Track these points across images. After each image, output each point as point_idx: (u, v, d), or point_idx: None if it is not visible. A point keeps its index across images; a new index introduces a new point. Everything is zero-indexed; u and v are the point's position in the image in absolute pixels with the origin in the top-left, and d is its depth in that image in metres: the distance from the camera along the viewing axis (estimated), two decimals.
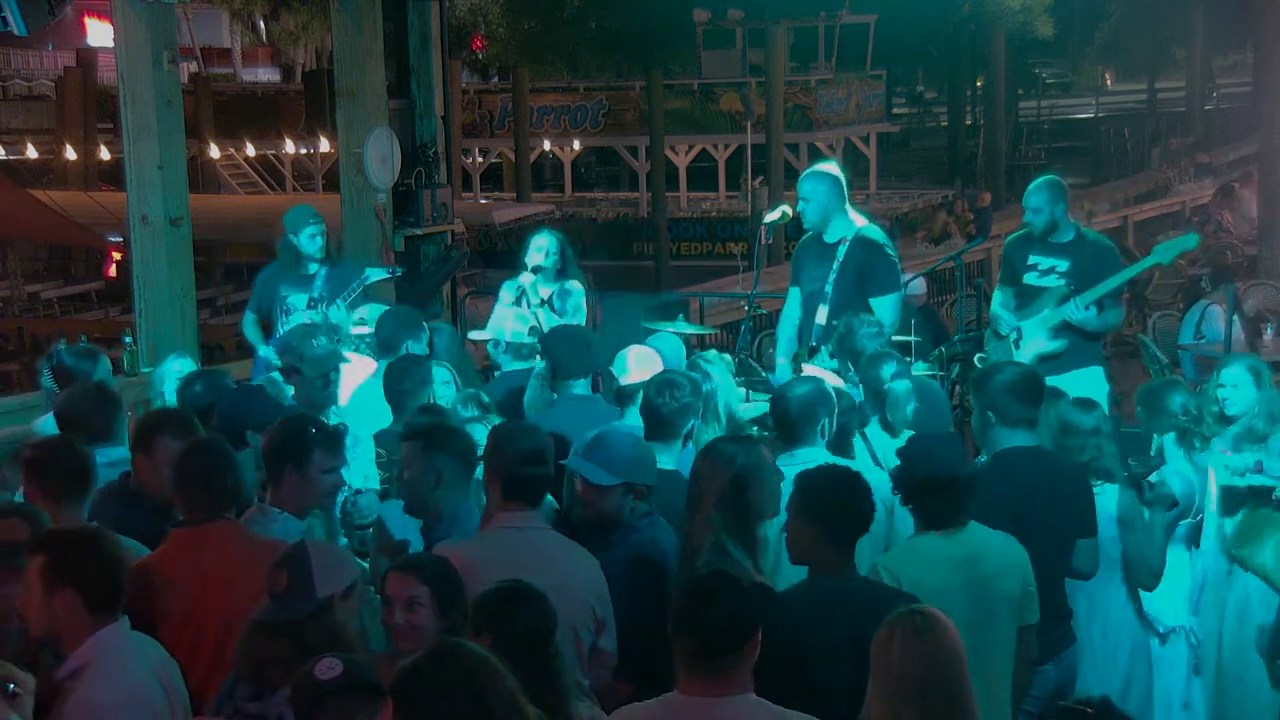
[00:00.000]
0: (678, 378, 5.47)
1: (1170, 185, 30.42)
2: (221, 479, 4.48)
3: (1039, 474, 5.18)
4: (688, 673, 3.57)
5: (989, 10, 35.06)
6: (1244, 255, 16.44)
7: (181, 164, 8.48)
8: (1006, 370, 5.39)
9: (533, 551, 4.36)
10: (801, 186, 7.67)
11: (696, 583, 3.67)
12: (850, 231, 7.53)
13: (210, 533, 4.40)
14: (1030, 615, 4.67)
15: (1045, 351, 7.49)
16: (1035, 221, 7.65)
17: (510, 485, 4.49)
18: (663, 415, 5.29)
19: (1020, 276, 7.74)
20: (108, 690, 3.65)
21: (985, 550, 4.59)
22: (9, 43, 38.70)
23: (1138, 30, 43.26)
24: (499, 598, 3.77)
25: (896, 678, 3.43)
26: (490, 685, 3.19)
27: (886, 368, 5.93)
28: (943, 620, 3.51)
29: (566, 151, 37.16)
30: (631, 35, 36.41)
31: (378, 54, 9.70)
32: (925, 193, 35.63)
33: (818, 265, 7.59)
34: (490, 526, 4.51)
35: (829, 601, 4.16)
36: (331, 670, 3.32)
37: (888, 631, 3.48)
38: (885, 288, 7.43)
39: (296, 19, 41.05)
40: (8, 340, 20.52)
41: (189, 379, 6.16)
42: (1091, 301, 7.41)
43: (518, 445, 4.52)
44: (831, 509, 4.25)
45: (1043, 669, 4.97)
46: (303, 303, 8.11)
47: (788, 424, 5.30)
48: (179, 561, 4.36)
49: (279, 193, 33.33)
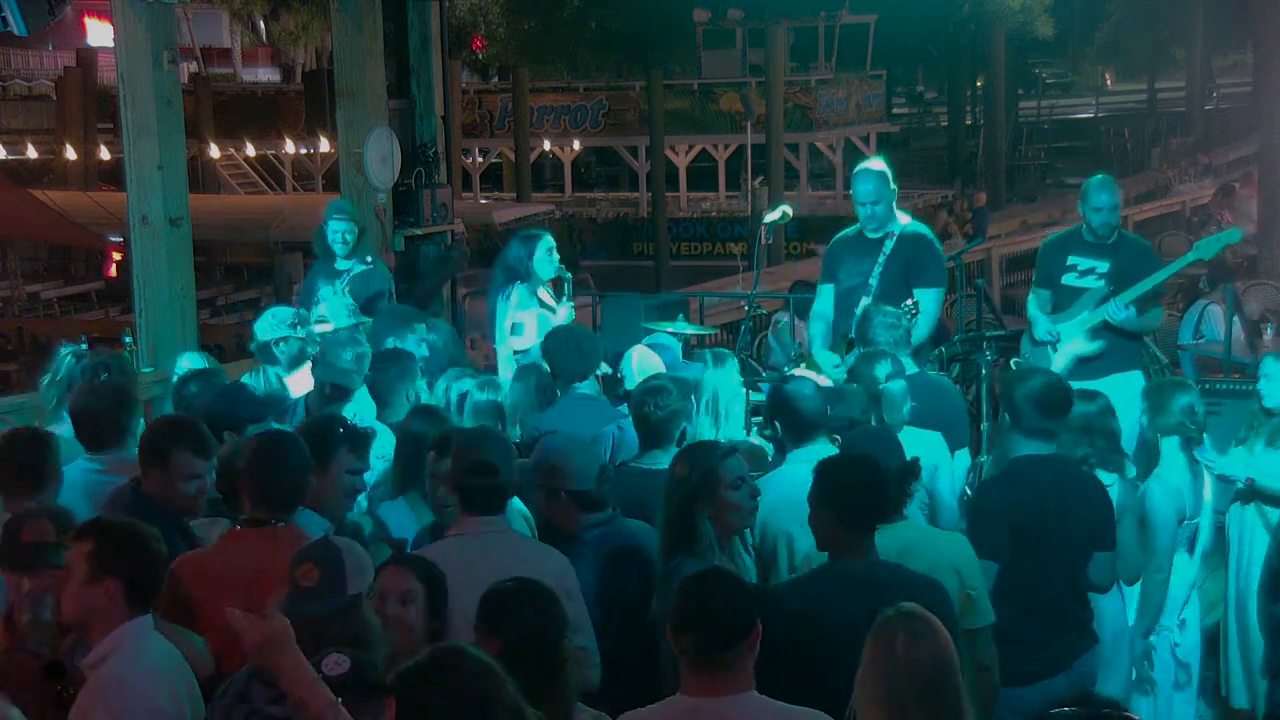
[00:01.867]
0: (664, 384, 5.47)
1: (1170, 185, 30.41)
2: (296, 478, 4.44)
3: (1050, 482, 5.13)
4: (691, 673, 3.57)
5: (989, 10, 35.04)
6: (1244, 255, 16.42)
7: (181, 164, 8.48)
8: (1033, 378, 5.34)
9: (489, 554, 4.35)
10: (867, 189, 7.53)
11: (695, 582, 3.67)
12: (896, 227, 7.53)
13: (273, 534, 4.36)
14: (973, 619, 4.61)
15: (1084, 353, 7.42)
16: (1111, 220, 7.50)
17: (463, 495, 4.52)
18: (652, 423, 5.33)
19: (1058, 278, 7.63)
20: (130, 669, 3.68)
21: (917, 547, 4.59)
22: (9, 43, 38.72)
23: (1138, 30, 43.27)
24: (507, 595, 3.75)
25: (901, 677, 3.39)
26: (494, 692, 3.18)
27: (880, 367, 5.92)
28: (934, 620, 3.50)
29: (566, 151, 37.16)
30: (631, 35, 36.42)
31: (378, 54, 9.70)
32: (925, 193, 35.59)
33: (859, 260, 7.55)
34: (450, 534, 4.55)
35: (844, 584, 4.17)
36: (340, 666, 3.32)
37: (887, 632, 3.46)
38: (931, 280, 7.45)
39: (296, 19, 41.05)
40: (8, 340, 20.50)
41: (184, 379, 6.16)
42: (1131, 301, 7.35)
43: (466, 456, 4.53)
44: (840, 494, 4.26)
45: (1051, 680, 4.92)
46: (329, 294, 8.27)
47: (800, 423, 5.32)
48: (238, 560, 4.33)
49: (279, 193, 33.34)
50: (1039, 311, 7.70)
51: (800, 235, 28.55)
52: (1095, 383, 6.66)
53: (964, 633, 4.59)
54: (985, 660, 4.67)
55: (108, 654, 3.71)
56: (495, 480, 4.49)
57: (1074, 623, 5.14)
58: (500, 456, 4.55)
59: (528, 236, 8.18)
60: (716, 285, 19.56)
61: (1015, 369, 7.46)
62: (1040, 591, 5.04)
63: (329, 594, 3.72)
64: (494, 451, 4.56)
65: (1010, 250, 19.89)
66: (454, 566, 4.18)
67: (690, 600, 3.59)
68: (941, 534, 4.69)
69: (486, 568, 4.12)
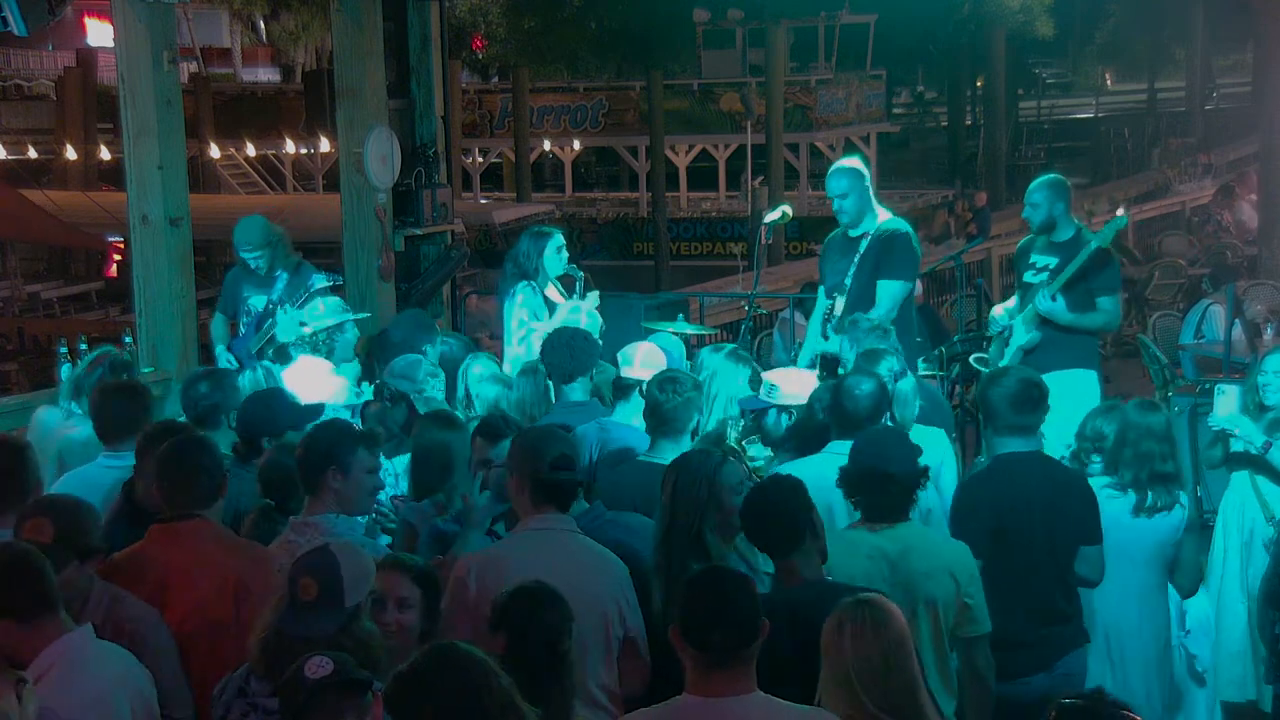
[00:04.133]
0: (679, 374, 5.50)
1: (1170, 185, 30.39)
2: (201, 478, 4.49)
3: (1036, 480, 5.17)
4: (698, 674, 3.57)
5: (989, 10, 35.02)
6: (1244, 255, 16.44)
7: (181, 164, 8.47)
8: (1004, 378, 5.40)
9: (562, 553, 4.38)
10: (836, 184, 7.60)
11: (705, 584, 3.67)
12: (874, 226, 7.58)
13: (183, 529, 4.43)
14: (970, 628, 4.61)
15: (1022, 343, 7.53)
16: (1032, 217, 7.70)
17: (539, 490, 4.50)
18: (665, 411, 5.32)
19: (1022, 275, 7.80)
20: (65, 695, 3.63)
21: (918, 550, 4.60)
22: (9, 43, 38.68)
23: (1138, 30, 43.30)
24: (520, 596, 3.78)
25: (849, 665, 3.53)
26: (487, 685, 3.20)
27: (885, 364, 5.93)
28: (888, 607, 3.61)
29: (566, 151, 37.14)
30: (631, 35, 36.41)
31: (378, 54, 9.67)
32: (925, 193, 35.62)
33: (841, 259, 7.64)
34: (522, 528, 4.54)
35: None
36: (322, 669, 3.31)
37: (836, 622, 3.58)
38: (892, 273, 7.47)
39: (296, 19, 41.01)
40: (8, 340, 20.48)
41: (194, 378, 6.15)
42: (1057, 290, 7.40)
43: (545, 450, 4.52)
44: (751, 522, 4.36)
45: (1028, 680, 4.92)
46: (262, 304, 8.25)
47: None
48: (150, 556, 4.40)
49: (279, 193, 33.32)
50: (999, 309, 7.89)
51: (800, 235, 28.56)
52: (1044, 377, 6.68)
53: (960, 640, 4.61)
54: (981, 668, 4.66)
55: (39, 677, 3.64)
56: (573, 475, 4.53)
57: (1059, 618, 5.14)
58: (575, 450, 4.62)
59: (537, 234, 8.19)
60: (716, 285, 19.54)
61: (976, 365, 7.60)
62: (1026, 588, 5.05)
63: (328, 609, 3.71)
64: (569, 445, 4.61)
65: (1010, 250, 19.78)
66: (533, 556, 4.28)
67: (702, 601, 3.58)
68: (945, 540, 4.69)
69: (563, 563, 4.25)
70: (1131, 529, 5.53)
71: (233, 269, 8.66)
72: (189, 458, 4.54)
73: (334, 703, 3.30)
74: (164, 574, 4.34)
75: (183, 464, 4.51)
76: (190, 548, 4.39)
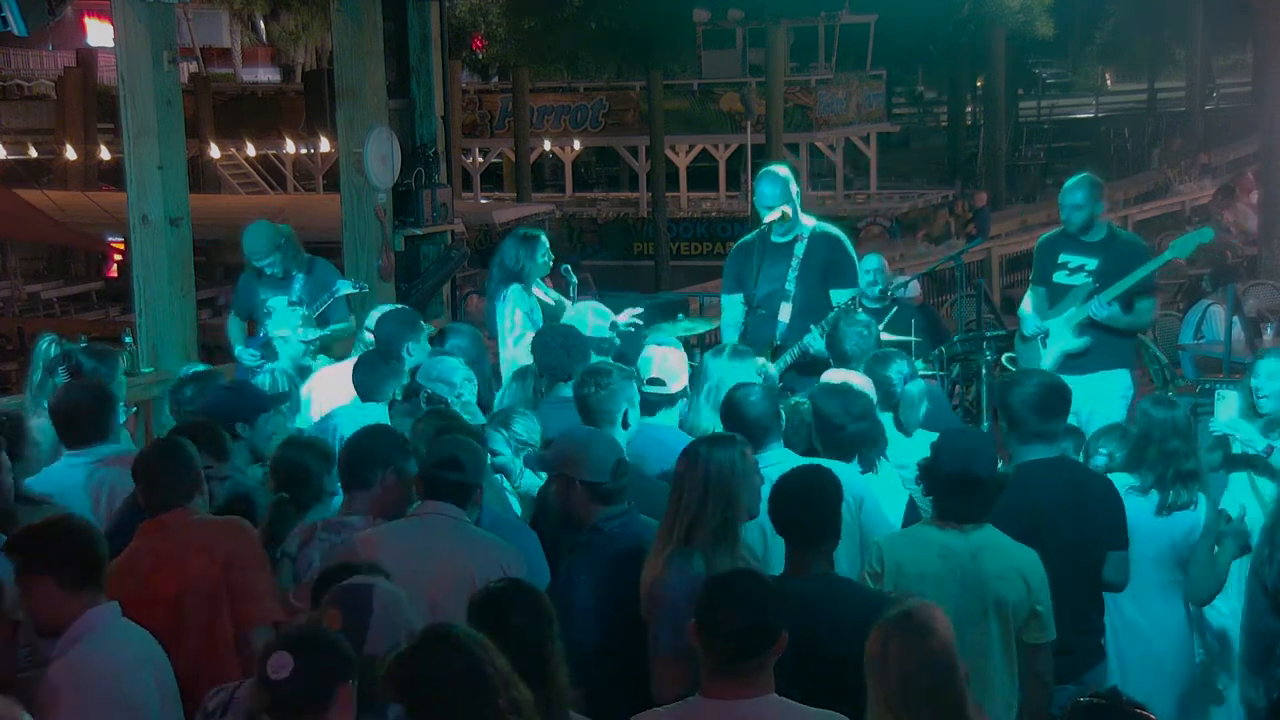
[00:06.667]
0: (605, 365, 5.61)
1: (1170, 185, 30.38)
2: (182, 473, 4.64)
3: (1061, 486, 5.08)
4: (714, 675, 3.56)
5: (989, 10, 35.01)
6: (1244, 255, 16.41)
7: (181, 164, 8.49)
8: (1026, 382, 5.26)
9: (437, 535, 4.56)
10: (768, 191, 7.51)
11: (723, 584, 3.65)
12: (804, 229, 7.53)
13: (168, 519, 4.56)
14: (1038, 634, 4.58)
15: (1070, 349, 7.48)
16: (1075, 218, 7.64)
17: (427, 484, 4.70)
18: (590, 405, 5.44)
19: (1050, 275, 7.74)
20: (95, 660, 3.74)
21: (991, 551, 4.54)
22: (9, 43, 38.66)
23: (1138, 30, 43.29)
24: (495, 595, 3.73)
25: (895, 680, 3.41)
26: (488, 660, 3.20)
27: (895, 367, 5.92)
28: (934, 616, 3.49)
29: (566, 151, 37.14)
30: (631, 35, 36.37)
31: (378, 54, 9.68)
32: (925, 193, 35.59)
33: (772, 265, 7.51)
34: (412, 514, 4.75)
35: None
36: (283, 670, 3.21)
37: (882, 635, 3.47)
38: (849, 282, 7.49)
39: (296, 19, 41.02)
40: (8, 340, 20.48)
41: (181, 382, 6.19)
42: (1115, 298, 7.39)
43: (436, 451, 4.73)
44: (782, 514, 4.31)
45: (1061, 688, 4.82)
46: (283, 304, 8.21)
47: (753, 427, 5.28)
48: (140, 549, 4.53)
49: (279, 193, 33.32)
50: (1028, 309, 7.80)
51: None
52: (1082, 379, 6.67)
53: (1026, 647, 4.58)
54: (1044, 675, 4.63)
55: (70, 644, 3.77)
56: (459, 476, 4.65)
57: (1090, 628, 5.09)
58: (469, 454, 4.74)
59: (526, 237, 8.15)
60: (716, 285, 19.51)
61: (1008, 374, 7.48)
62: (1057, 596, 4.96)
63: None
64: (460, 450, 4.73)
65: (1010, 250, 19.88)
66: (406, 542, 4.51)
67: (719, 603, 3.57)
68: (1016, 544, 4.61)
69: (437, 545, 4.51)
70: (1149, 527, 5.42)
71: (245, 272, 8.62)
72: (168, 456, 4.71)
73: (298, 700, 3.22)
74: (155, 561, 4.48)
75: (162, 462, 4.68)
76: (176, 531, 4.54)
